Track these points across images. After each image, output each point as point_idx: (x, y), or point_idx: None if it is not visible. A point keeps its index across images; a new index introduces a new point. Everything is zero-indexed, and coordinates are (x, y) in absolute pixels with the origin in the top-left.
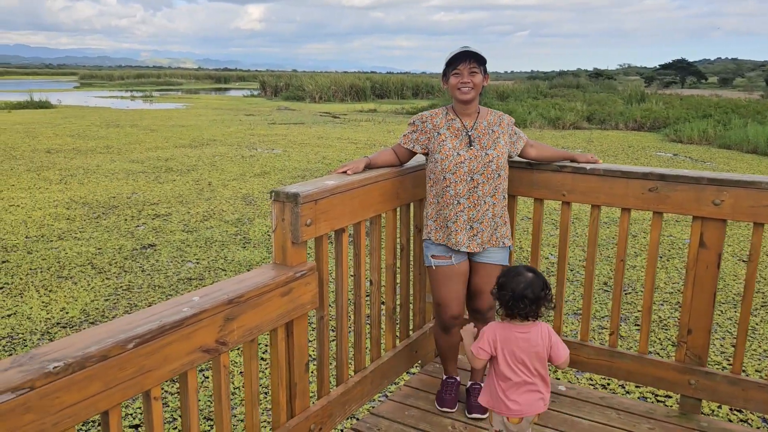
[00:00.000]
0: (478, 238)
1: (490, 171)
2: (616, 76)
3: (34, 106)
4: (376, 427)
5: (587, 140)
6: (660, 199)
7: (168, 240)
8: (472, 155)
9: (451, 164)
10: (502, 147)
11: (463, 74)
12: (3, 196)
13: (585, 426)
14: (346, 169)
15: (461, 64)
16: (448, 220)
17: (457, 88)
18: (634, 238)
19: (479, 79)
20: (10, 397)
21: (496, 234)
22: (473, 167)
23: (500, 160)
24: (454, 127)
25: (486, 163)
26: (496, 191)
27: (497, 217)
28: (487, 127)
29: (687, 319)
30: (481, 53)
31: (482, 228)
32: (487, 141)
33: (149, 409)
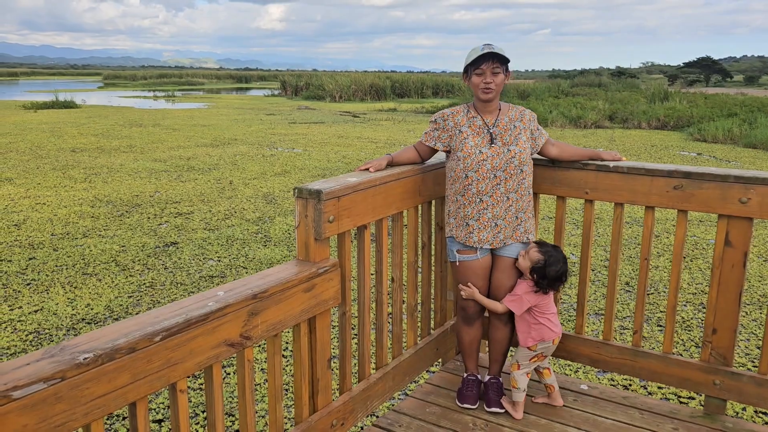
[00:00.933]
0: (501, 234)
1: (513, 167)
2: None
3: (59, 106)
4: (398, 424)
5: (609, 139)
6: (685, 198)
7: (190, 238)
8: (495, 152)
9: (473, 162)
10: (524, 142)
11: (486, 74)
12: (30, 194)
13: (608, 425)
14: (369, 167)
15: (484, 63)
16: (469, 218)
17: (480, 87)
18: (657, 238)
19: (501, 79)
20: (42, 387)
21: (519, 229)
22: (496, 164)
23: (522, 155)
24: (476, 124)
25: (508, 160)
26: (519, 187)
27: (521, 212)
28: (509, 122)
29: (712, 318)
30: (504, 52)
31: (505, 224)
32: (509, 137)
33: (175, 402)
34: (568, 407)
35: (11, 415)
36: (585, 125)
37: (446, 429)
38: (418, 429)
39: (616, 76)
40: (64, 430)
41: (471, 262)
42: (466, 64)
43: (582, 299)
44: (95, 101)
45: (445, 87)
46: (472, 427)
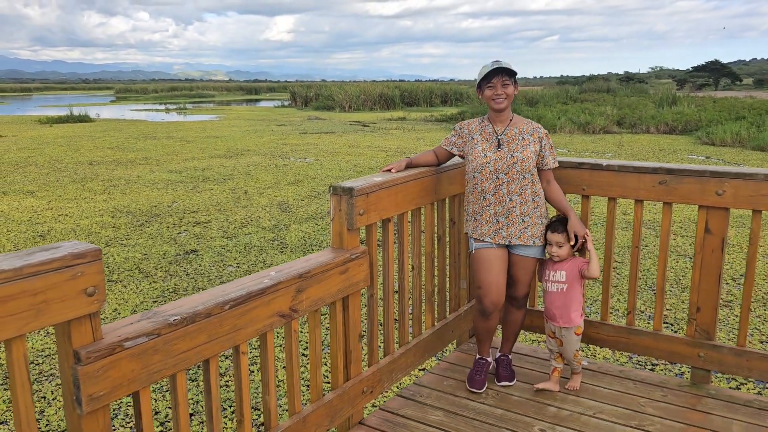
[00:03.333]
0: (503, 231)
1: (515, 172)
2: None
3: (74, 120)
4: (419, 394)
5: (618, 144)
6: (669, 191)
7: (209, 246)
8: (498, 156)
9: (478, 164)
10: (530, 152)
11: (497, 87)
12: (52, 206)
13: (605, 393)
14: (390, 168)
15: (494, 78)
16: (476, 213)
17: (492, 99)
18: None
19: (511, 90)
20: (145, 340)
21: (526, 233)
22: (498, 167)
23: (525, 163)
24: (486, 132)
25: (510, 164)
26: (522, 191)
27: (526, 216)
28: (518, 134)
29: (696, 298)
30: (511, 66)
31: (507, 223)
32: (516, 145)
33: (238, 362)
34: (569, 379)
35: (123, 360)
36: (593, 131)
37: (461, 398)
38: (437, 398)
39: (625, 82)
40: (158, 377)
41: (485, 250)
42: (479, 80)
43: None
44: (108, 115)
45: (454, 95)
46: (485, 397)
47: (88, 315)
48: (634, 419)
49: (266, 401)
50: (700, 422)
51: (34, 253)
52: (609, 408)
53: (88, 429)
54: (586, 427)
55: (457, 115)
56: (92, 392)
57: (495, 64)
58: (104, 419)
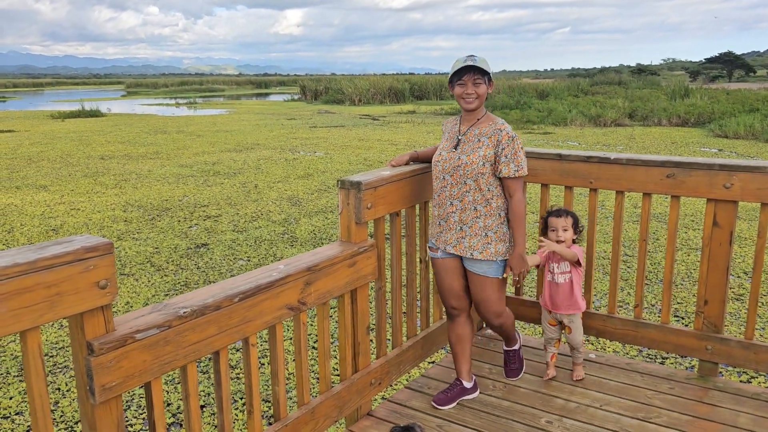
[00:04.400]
0: (444, 235)
1: (458, 176)
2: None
3: (85, 115)
4: (427, 386)
5: (629, 137)
6: (677, 184)
7: (220, 239)
8: (449, 157)
9: (433, 161)
10: (478, 157)
11: (468, 85)
12: (64, 200)
13: (612, 386)
14: (391, 163)
15: (466, 75)
16: (434, 214)
17: (462, 97)
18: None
19: (483, 90)
20: (156, 331)
21: (463, 242)
22: (445, 167)
23: (468, 168)
24: (453, 131)
25: (455, 167)
26: (463, 197)
27: (464, 224)
28: (477, 135)
29: (703, 291)
30: (485, 64)
31: (447, 227)
32: (468, 147)
33: (248, 354)
34: (572, 371)
35: (135, 351)
36: (605, 123)
37: None
38: None
39: (637, 74)
40: (169, 368)
41: (434, 260)
42: (450, 75)
43: (589, 277)
44: (119, 109)
45: None
46: (492, 389)
47: (101, 307)
48: (641, 411)
49: (276, 392)
50: (707, 414)
51: (48, 247)
52: (616, 400)
53: (101, 418)
54: (593, 419)
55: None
56: (105, 382)
57: (468, 60)
58: (117, 409)
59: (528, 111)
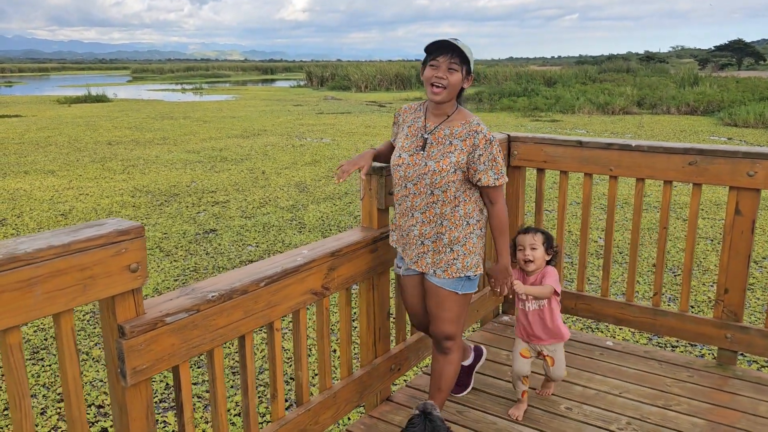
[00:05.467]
0: (408, 249)
1: (423, 185)
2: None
3: (91, 100)
4: None
5: (637, 125)
6: (699, 172)
7: (228, 225)
8: (413, 161)
9: (391, 165)
10: (450, 165)
11: (441, 67)
12: (73, 185)
13: (630, 373)
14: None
15: (441, 55)
16: (396, 219)
17: (430, 83)
18: (685, 222)
19: (457, 79)
20: (185, 315)
21: (425, 258)
22: (408, 174)
23: (436, 176)
24: (416, 126)
25: (420, 175)
26: (427, 209)
27: (426, 239)
28: (448, 136)
29: (724, 279)
30: (469, 51)
31: (409, 241)
32: (437, 151)
33: (272, 339)
34: (596, 360)
35: (164, 335)
36: (613, 111)
37: (487, 376)
38: None
39: (645, 61)
40: (196, 352)
41: (398, 277)
42: (425, 55)
43: (607, 265)
44: (125, 95)
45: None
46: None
47: (132, 291)
48: (661, 399)
49: (298, 377)
50: (727, 403)
51: (81, 230)
52: (635, 388)
53: (131, 401)
54: (613, 406)
55: (474, 95)
56: (136, 365)
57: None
58: (147, 391)
59: (535, 98)
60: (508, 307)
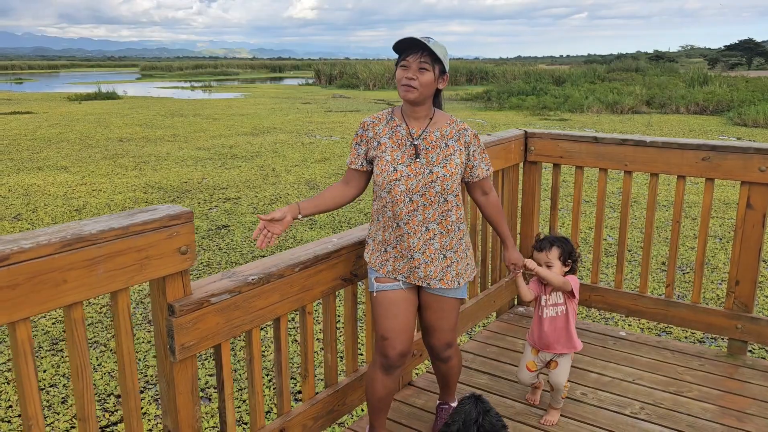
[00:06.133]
0: (420, 270)
1: (433, 194)
2: (678, 59)
3: (102, 97)
4: (464, 359)
5: (646, 124)
6: (712, 167)
7: (239, 221)
8: (413, 171)
9: (385, 182)
10: (455, 167)
11: (411, 67)
12: (86, 181)
13: (644, 362)
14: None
15: (411, 55)
16: (387, 243)
17: (402, 83)
18: (694, 221)
19: (428, 79)
20: (227, 296)
21: (449, 272)
22: (411, 186)
23: (447, 182)
24: (398, 135)
25: (428, 183)
26: (443, 219)
27: (448, 250)
28: (440, 139)
29: (735, 271)
30: (440, 50)
31: (425, 260)
32: (436, 156)
33: (305, 322)
34: (609, 348)
35: (209, 315)
36: (622, 110)
37: (504, 363)
38: (482, 363)
39: (654, 61)
40: (237, 331)
41: (392, 293)
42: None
43: (621, 257)
44: (135, 92)
45: (479, 74)
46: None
47: (181, 272)
48: (673, 386)
49: (327, 359)
50: (738, 390)
51: (136, 214)
52: (648, 375)
53: (179, 375)
54: (627, 392)
55: (483, 93)
56: (184, 342)
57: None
58: (192, 367)
59: (544, 97)
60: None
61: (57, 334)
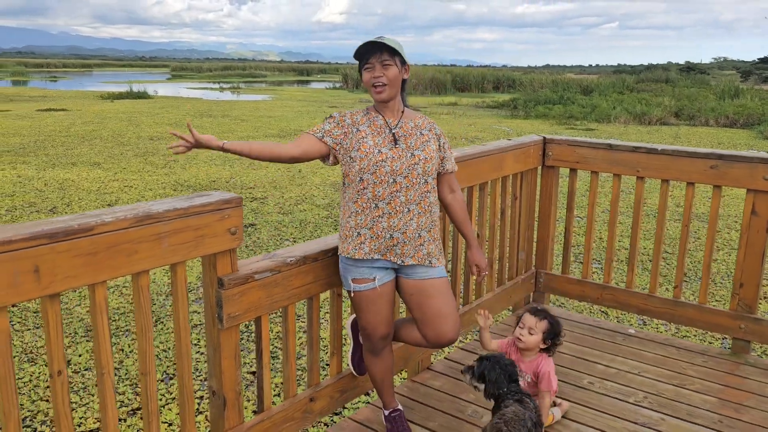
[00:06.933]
0: (398, 248)
1: (416, 175)
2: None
3: (133, 97)
4: (479, 349)
5: (674, 136)
6: (719, 175)
7: (266, 220)
8: (396, 154)
9: (370, 163)
10: (432, 152)
11: (375, 68)
12: (118, 177)
13: (649, 357)
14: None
15: (372, 56)
16: (362, 226)
17: (372, 85)
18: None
19: (394, 73)
20: (269, 274)
21: (422, 250)
22: (396, 168)
23: (428, 164)
24: (377, 124)
25: (411, 165)
26: (422, 200)
27: (423, 230)
28: (415, 128)
29: (740, 274)
30: (396, 44)
31: (404, 239)
32: (415, 141)
33: (335, 303)
34: (618, 344)
35: (253, 290)
36: (649, 122)
37: None
38: None
39: (685, 72)
40: (277, 306)
41: (368, 293)
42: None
43: (632, 259)
44: (165, 92)
45: (507, 81)
46: None
47: (230, 250)
48: (676, 379)
49: None
50: (737, 384)
51: (193, 198)
52: (653, 369)
53: (224, 342)
54: (631, 383)
55: (510, 101)
56: (230, 312)
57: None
58: (236, 335)
59: (571, 106)
60: (538, 296)
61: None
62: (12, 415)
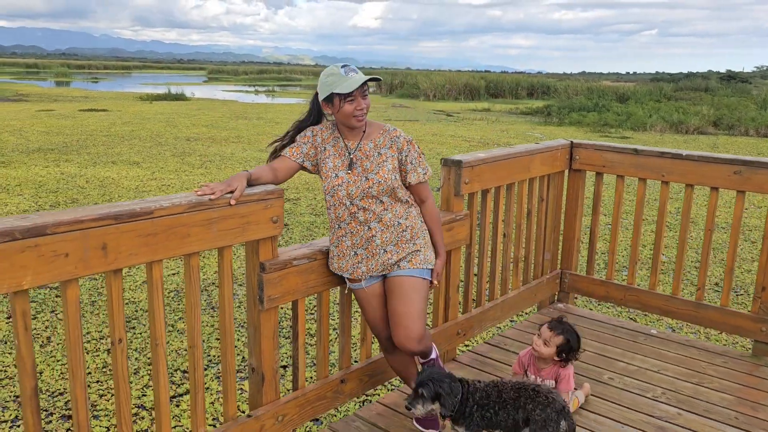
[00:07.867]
0: (362, 265)
1: (370, 197)
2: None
3: (171, 98)
4: (503, 343)
5: (712, 146)
6: (743, 181)
7: (298, 221)
8: (351, 179)
9: (329, 186)
10: (388, 172)
11: (357, 99)
12: (156, 176)
13: (670, 356)
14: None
15: (355, 90)
16: (331, 243)
17: (354, 116)
18: (753, 244)
19: (369, 100)
20: (306, 261)
21: (390, 261)
22: (351, 192)
23: (382, 186)
24: (338, 145)
25: (366, 189)
26: (382, 217)
27: (389, 244)
28: (373, 149)
29: (762, 278)
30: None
31: (367, 255)
32: (371, 164)
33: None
34: (639, 343)
35: (291, 275)
36: (686, 130)
37: None
38: (519, 347)
39: (726, 80)
40: (312, 291)
41: (358, 291)
42: (334, 92)
43: (656, 261)
44: (202, 94)
45: (541, 88)
46: None
47: (271, 237)
48: (695, 378)
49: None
50: (756, 385)
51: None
52: (673, 367)
53: (264, 322)
54: (651, 380)
55: (543, 108)
56: (270, 294)
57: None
58: (275, 316)
59: (606, 114)
60: (563, 296)
61: (129, 313)
62: (79, 376)
